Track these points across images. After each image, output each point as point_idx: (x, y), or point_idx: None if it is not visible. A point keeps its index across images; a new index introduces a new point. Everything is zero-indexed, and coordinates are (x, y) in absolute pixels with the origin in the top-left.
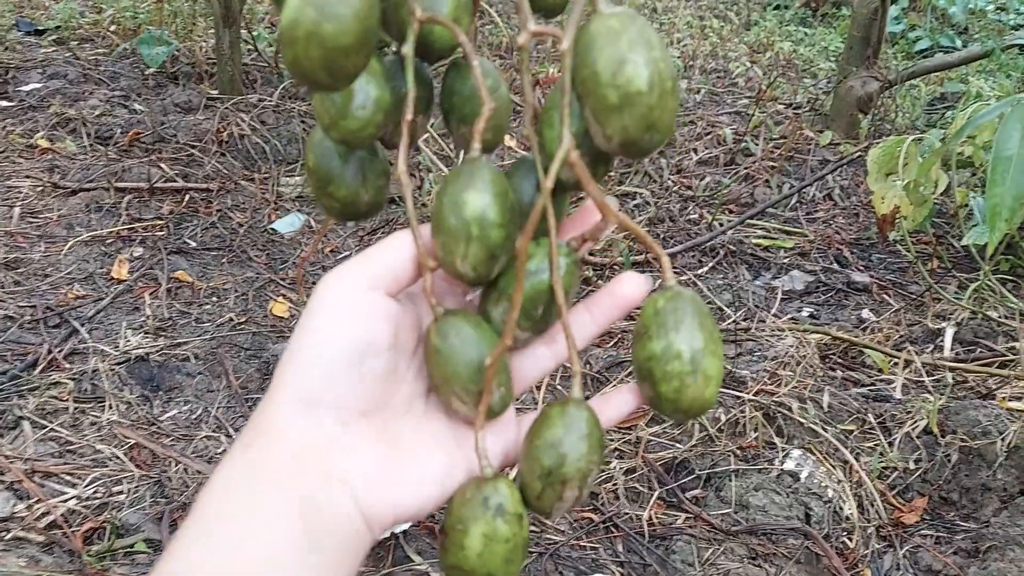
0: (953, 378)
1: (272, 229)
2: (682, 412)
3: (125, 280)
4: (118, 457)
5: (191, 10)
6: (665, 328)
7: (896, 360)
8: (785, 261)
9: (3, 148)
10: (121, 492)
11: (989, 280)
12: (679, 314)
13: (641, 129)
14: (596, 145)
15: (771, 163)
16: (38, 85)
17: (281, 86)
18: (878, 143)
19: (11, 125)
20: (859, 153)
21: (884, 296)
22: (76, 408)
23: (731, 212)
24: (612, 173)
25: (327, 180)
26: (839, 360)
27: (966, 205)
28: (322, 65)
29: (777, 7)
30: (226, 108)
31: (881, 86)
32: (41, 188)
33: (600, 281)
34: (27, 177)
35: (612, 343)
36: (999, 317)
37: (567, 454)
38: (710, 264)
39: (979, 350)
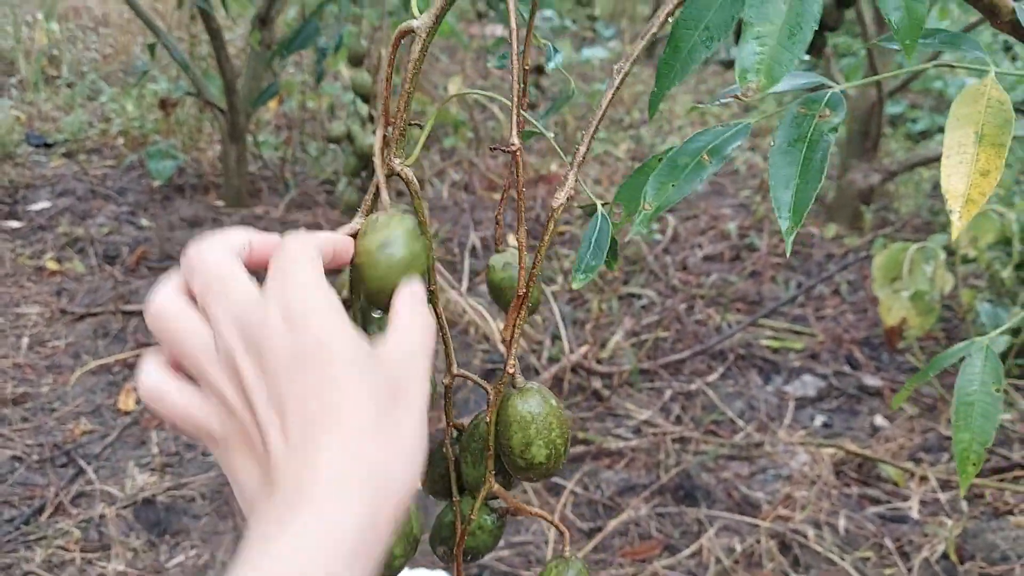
0: (969, 496)
1: None
2: None
3: (132, 411)
4: None
5: (197, 119)
6: None
7: (912, 474)
8: (796, 364)
9: (12, 271)
10: None
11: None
12: None
13: (541, 476)
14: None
15: (777, 258)
16: (47, 204)
17: (287, 197)
18: (882, 235)
19: (21, 247)
20: (863, 249)
21: None
22: (83, 559)
23: (739, 311)
24: (617, 272)
25: None
26: (854, 475)
27: (972, 309)
28: None
29: None
30: (232, 222)
31: (883, 177)
32: (49, 315)
33: (608, 391)
34: (35, 302)
35: (623, 463)
36: (1011, 419)
37: None
38: (720, 370)
39: (994, 458)
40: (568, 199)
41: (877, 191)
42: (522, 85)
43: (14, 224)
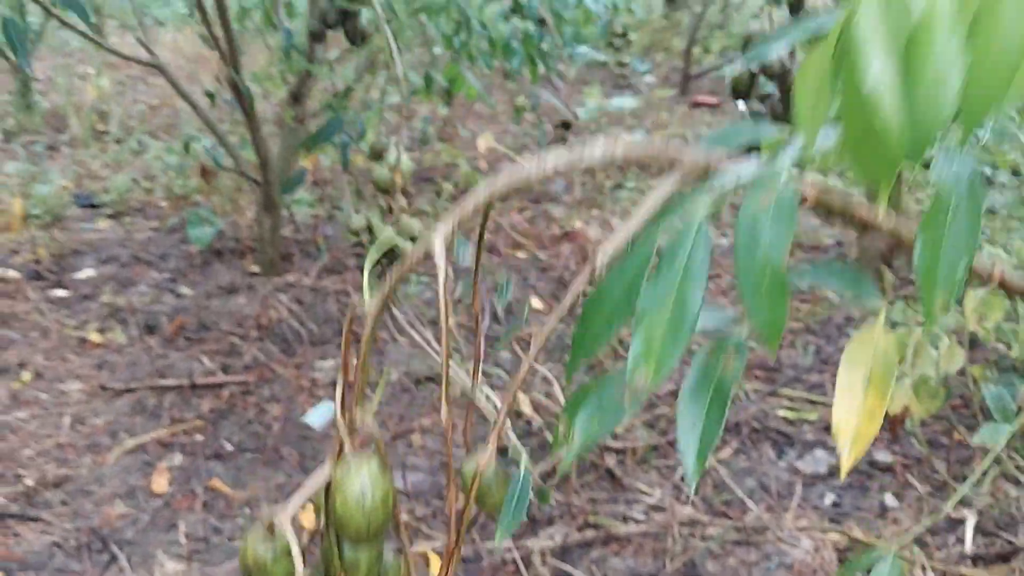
0: None
1: (305, 423)
2: None
3: (164, 493)
4: None
5: (236, 182)
6: None
7: (912, 563)
8: (809, 437)
9: (58, 344)
10: None
11: (1010, 463)
12: None
13: None
14: None
15: (796, 322)
16: (92, 272)
17: (319, 262)
18: (903, 295)
19: (66, 317)
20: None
21: (908, 476)
22: None
23: (757, 378)
24: None
25: None
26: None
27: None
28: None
29: None
30: (266, 290)
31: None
32: (90, 390)
33: (621, 469)
34: (77, 377)
35: (631, 550)
36: (1017, 496)
37: None
38: (734, 445)
39: (999, 543)
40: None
41: (898, 249)
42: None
43: (60, 293)
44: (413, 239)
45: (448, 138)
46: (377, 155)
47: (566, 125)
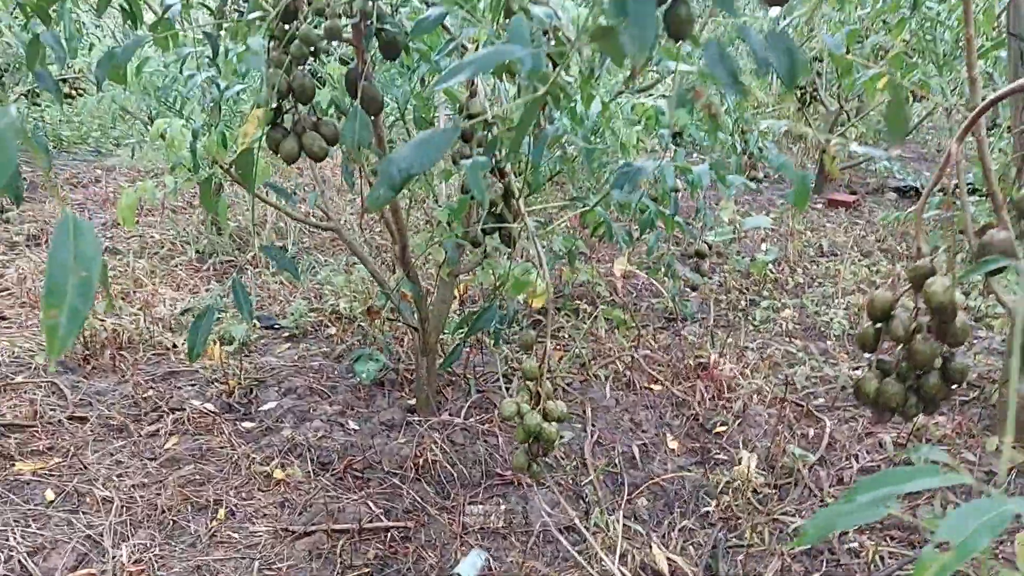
0: None
1: (456, 575)
2: None
3: None
4: None
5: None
6: None
7: None
8: None
9: (246, 480)
10: None
11: None
12: None
13: None
14: None
15: None
16: (274, 404)
17: (469, 401)
18: None
19: (253, 451)
20: None
21: None
22: None
23: (892, 539)
24: (772, 488)
25: None
26: None
27: None
28: None
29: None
30: (422, 429)
31: None
32: (274, 532)
33: None
34: (264, 516)
35: None
36: None
37: None
38: None
39: None
40: None
41: None
42: None
43: (248, 425)
44: (560, 420)
45: (586, 254)
46: (526, 347)
47: (700, 254)
